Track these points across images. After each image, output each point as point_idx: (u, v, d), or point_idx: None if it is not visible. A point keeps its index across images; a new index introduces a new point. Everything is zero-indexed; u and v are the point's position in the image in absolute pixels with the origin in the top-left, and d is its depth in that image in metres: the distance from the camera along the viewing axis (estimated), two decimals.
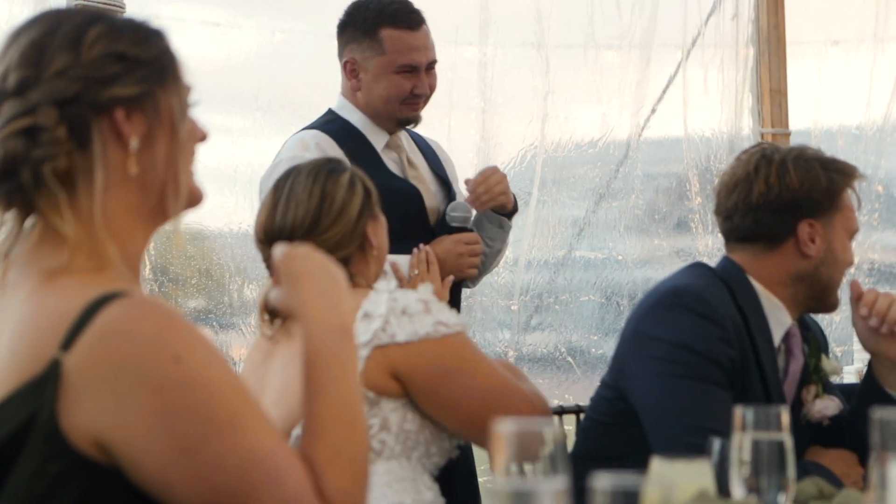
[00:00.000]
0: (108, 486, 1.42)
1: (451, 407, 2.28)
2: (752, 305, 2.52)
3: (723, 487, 1.68)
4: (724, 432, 1.73)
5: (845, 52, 5.16)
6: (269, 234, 2.34)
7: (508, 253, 4.77)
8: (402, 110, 3.22)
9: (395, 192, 3.10)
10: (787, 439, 1.64)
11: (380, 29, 3.19)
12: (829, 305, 2.62)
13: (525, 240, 4.57)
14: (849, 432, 2.56)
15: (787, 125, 4.85)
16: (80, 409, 1.40)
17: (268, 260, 2.33)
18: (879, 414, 1.43)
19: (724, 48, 4.89)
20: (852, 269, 4.31)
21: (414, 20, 3.22)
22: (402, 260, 3.07)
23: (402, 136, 3.32)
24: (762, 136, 4.72)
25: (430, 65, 3.24)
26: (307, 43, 4.28)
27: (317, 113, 3.41)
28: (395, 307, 2.24)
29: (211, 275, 4.14)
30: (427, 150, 3.38)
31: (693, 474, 1.66)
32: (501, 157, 4.58)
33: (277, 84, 4.19)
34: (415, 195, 3.25)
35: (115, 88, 1.52)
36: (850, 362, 4.17)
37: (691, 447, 1.87)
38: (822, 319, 4.08)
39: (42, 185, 1.49)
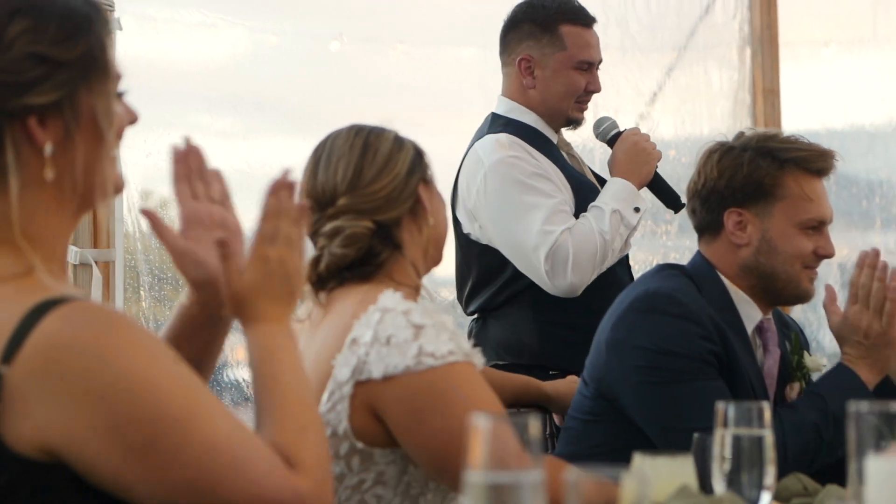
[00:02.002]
0: (58, 483, 1.42)
1: (419, 448, 1.94)
2: (722, 300, 2.53)
3: (705, 483, 1.69)
4: None
5: (841, 53, 5.18)
6: (313, 194, 2.10)
7: None
8: (573, 108, 3.27)
9: (585, 184, 3.21)
10: (769, 435, 1.65)
11: (560, 25, 3.25)
12: (792, 297, 2.60)
13: None
14: None
15: (780, 125, 4.86)
16: (27, 421, 1.40)
17: (313, 226, 2.10)
18: (855, 407, 1.44)
19: (721, 48, 4.90)
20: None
21: (590, 18, 3.29)
22: None
23: (563, 134, 3.38)
24: None
25: (599, 63, 3.31)
26: (302, 45, 4.30)
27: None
28: (380, 334, 1.93)
29: None
30: (575, 153, 3.42)
31: (675, 470, 1.67)
32: None
33: (274, 86, 4.21)
34: (594, 189, 3.29)
35: (30, 96, 1.46)
36: None
37: None
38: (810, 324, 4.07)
39: None
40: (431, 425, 1.90)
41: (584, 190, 3.19)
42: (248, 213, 4.28)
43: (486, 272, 3.23)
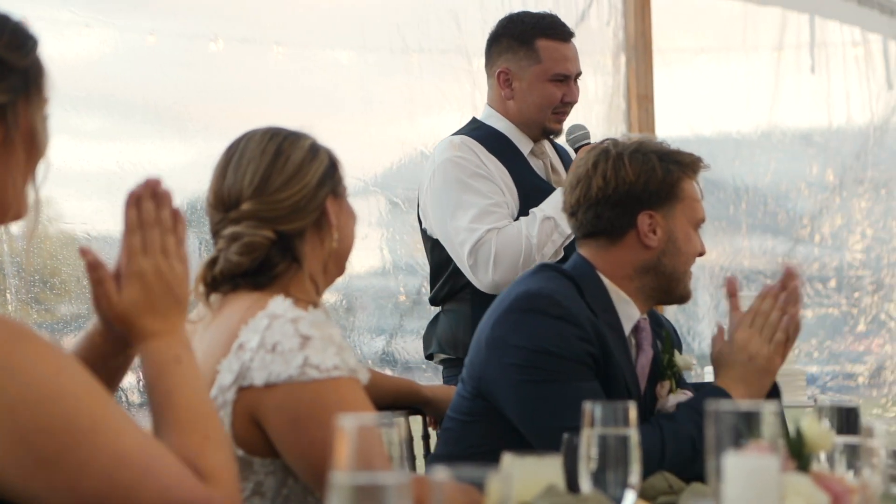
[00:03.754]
0: None
1: (297, 458, 1.91)
2: (602, 301, 2.56)
3: (574, 483, 1.72)
4: None
5: (711, 61, 5.30)
6: (219, 196, 2.07)
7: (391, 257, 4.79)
8: (551, 119, 3.38)
9: (543, 192, 3.29)
10: (634, 435, 1.67)
11: (536, 40, 3.37)
12: (678, 297, 2.65)
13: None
14: None
15: (653, 130, 4.94)
16: None
17: (215, 226, 2.08)
18: (714, 406, 1.47)
19: (596, 54, 4.97)
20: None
21: (566, 33, 3.42)
22: None
23: (546, 144, 3.47)
24: None
25: (577, 76, 3.42)
26: (179, 46, 4.25)
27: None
28: (266, 340, 1.91)
29: (80, 279, 4.08)
30: (567, 160, 3.49)
31: (543, 470, 1.69)
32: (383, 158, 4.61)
33: (150, 87, 4.16)
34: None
35: None
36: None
37: None
38: (680, 326, 4.14)
39: None
40: (310, 436, 1.87)
41: (542, 195, 3.29)
42: (119, 217, 4.23)
43: (436, 267, 3.40)
